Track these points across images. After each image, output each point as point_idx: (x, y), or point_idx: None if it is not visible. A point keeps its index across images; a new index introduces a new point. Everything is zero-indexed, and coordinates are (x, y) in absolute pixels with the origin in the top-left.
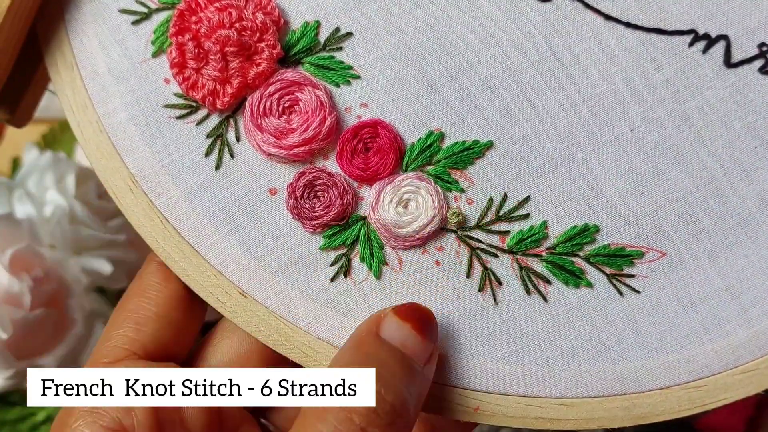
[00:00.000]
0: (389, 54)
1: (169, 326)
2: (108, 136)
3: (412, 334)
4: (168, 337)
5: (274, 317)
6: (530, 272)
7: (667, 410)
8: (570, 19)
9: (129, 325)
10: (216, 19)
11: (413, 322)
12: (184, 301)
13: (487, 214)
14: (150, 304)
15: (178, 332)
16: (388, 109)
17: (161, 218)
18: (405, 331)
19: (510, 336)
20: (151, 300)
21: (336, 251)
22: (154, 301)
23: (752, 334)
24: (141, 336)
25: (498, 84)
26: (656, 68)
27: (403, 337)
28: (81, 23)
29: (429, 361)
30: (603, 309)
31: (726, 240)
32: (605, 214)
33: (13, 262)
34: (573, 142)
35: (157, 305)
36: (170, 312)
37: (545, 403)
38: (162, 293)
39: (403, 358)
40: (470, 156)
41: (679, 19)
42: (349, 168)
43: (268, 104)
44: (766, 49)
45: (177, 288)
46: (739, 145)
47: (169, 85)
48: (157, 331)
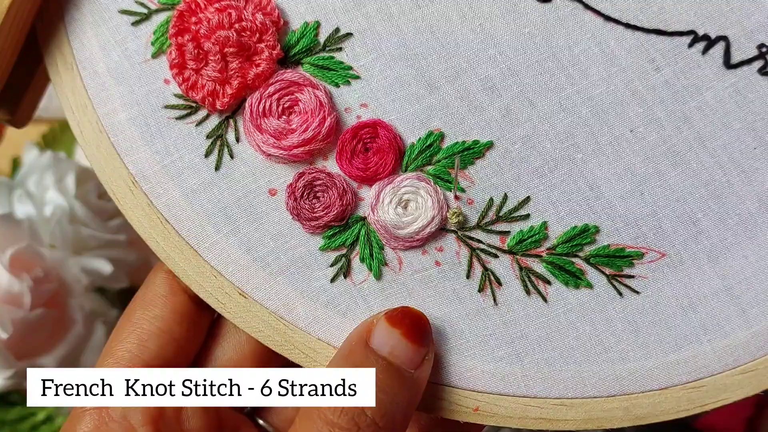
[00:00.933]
0: (389, 54)
1: (172, 342)
2: (108, 137)
3: (402, 341)
4: (171, 353)
5: (274, 318)
6: (530, 273)
7: (666, 410)
8: (570, 19)
9: (132, 340)
10: (215, 20)
11: (403, 328)
12: (188, 316)
13: (488, 214)
14: (155, 319)
15: (181, 347)
16: (387, 110)
17: (161, 219)
18: (395, 338)
19: (510, 336)
20: (156, 314)
21: (336, 252)
22: (159, 316)
23: (751, 334)
24: (144, 353)
25: (498, 84)
26: (656, 69)
27: (393, 344)
28: (81, 24)
29: (422, 364)
30: (602, 309)
31: (725, 241)
32: (605, 214)
33: (13, 262)
34: (573, 143)
35: (161, 320)
36: (174, 327)
37: (545, 403)
38: (167, 307)
39: (389, 367)
40: (470, 156)
41: (679, 20)
42: (349, 168)
43: (267, 105)
44: (765, 50)
45: (182, 301)
46: (738, 146)
47: (169, 86)
48: (160, 347)
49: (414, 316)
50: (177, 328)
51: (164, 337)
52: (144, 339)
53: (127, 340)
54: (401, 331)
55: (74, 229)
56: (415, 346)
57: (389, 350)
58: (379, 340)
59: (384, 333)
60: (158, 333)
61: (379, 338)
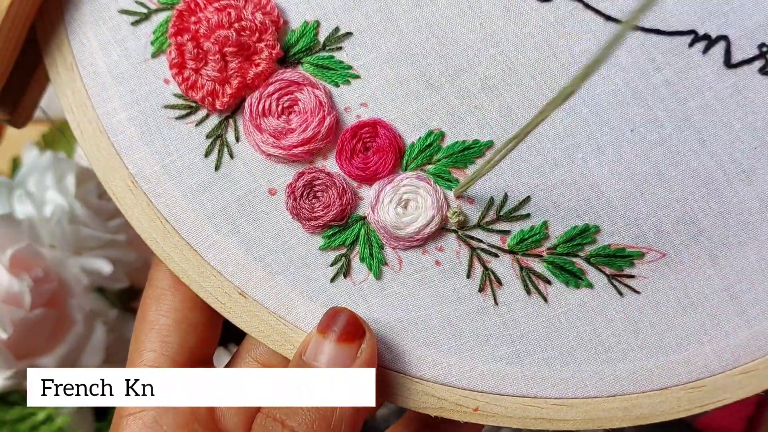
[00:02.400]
0: (389, 53)
1: (191, 330)
2: (107, 137)
3: (332, 345)
4: (193, 342)
5: (274, 317)
6: (531, 272)
7: (666, 411)
8: (570, 19)
9: (153, 338)
10: (215, 20)
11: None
12: (199, 300)
13: (488, 213)
14: (169, 312)
15: (201, 332)
16: (387, 109)
17: (161, 218)
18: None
19: (510, 336)
20: (168, 308)
21: (335, 251)
22: (171, 308)
23: (752, 334)
24: (167, 349)
25: (498, 84)
26: (656, 69)
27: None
28: (81, 24)
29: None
30: (603, 310)
31: (726, 240)
32: (605, 214)
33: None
34: (573, 143)
35: (175, 311)
36: (188, 315)
37: (545, 403)
38: (177, 297)
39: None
40: (470, 155)
41: (679, 19)
42: (349, 168)
43: (267, 104)
44: (766, 49)
45: (188, 289)
46: (739, 145)
47: (169, 86)
48: (181, 339)
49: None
50: (192, 314)
51: (183, 327)
52: (164, 334)
53: (147, 340)
54: (317, 329)
55: (74, 229)
56: (347, 345)
57: (326, 360)
58: (310, 352)
59: (313, 344)
60: (176, 325)
61: (310, 349)
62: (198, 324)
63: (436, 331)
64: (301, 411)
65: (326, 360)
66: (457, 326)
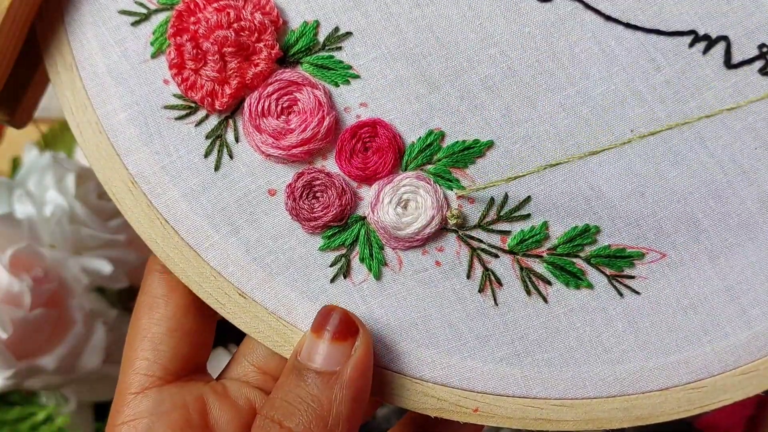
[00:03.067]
0: (389, 53)
1: (184, 338)
2: (107, 137)
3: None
4: (186, 350)
5: (274, 318)
6: (531, 273)
7: (666, 411)
8: (570, 19)
9: (146, 347)
10: (214, 20)
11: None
12: (192, 308)
13: (488, 213)
14: (162, 320)
15: (194, 340)
16: (387, 109)
17: (160, 219)
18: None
19: (510, 337)
20: (161, 316)
21: (335, 252)
22: (164, 316)
23: (752, 335)
24: (160, 358)
25: (498, 84)
26: (656, 69)
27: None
28: (80, 24)
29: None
30: (603, 310)
31: (726, 241)
32: (606, 214)
33: (13, 262)
34: (573, 143)
35: (168, 319)
36: (181, 323)
37: (545, 404)
38: (169, 305)
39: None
40: (471, 155)
41: (679, 19)
42: (348, 168)
43: (266, 105)
44: (766, 50)
45: (183, 296)
46: (739, 146)
47: (168, 86)
48: (173, 347)
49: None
50: (186, 321)
51: (176, 335)
52: (156, 342)
53: (140, 348)
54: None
55: (74, 229)
56: (341, 344)
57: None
58: (305, 353)
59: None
60: (169, 333)
61: (305, 350)
62: (191, 332)
63: (435, 331)
64: (298, 412)
65: (321, 360)
66: (457, 327)
